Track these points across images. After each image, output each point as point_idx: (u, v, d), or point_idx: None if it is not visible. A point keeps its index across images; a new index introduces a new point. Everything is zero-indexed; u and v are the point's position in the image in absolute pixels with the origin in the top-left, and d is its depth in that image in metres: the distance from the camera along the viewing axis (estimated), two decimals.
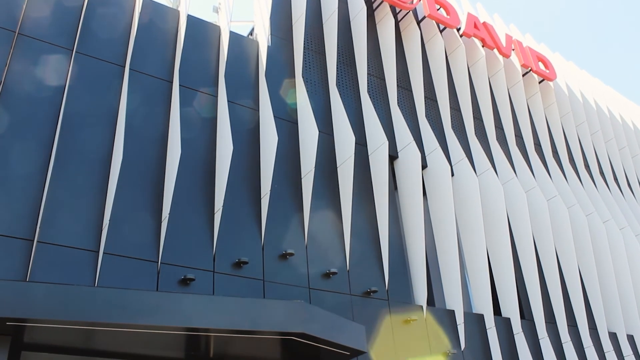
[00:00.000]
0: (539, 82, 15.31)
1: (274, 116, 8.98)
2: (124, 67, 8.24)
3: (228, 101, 8.80)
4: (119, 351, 6.66)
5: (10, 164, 6.69)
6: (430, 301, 9.91)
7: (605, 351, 11.86)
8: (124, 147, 7.24)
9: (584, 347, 11.51)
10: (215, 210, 7.85)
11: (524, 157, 13.33)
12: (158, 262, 7.11)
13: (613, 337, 12.28)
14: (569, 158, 14.87)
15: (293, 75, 10.07)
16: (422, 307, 9.32)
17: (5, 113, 6.96)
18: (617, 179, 16.30)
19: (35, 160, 6.88)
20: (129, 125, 7.67)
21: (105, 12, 8.54)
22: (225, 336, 6.39)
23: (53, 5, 8.06)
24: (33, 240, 6.38)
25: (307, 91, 9.92)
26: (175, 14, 9.40)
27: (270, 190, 8.29)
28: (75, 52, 7.90)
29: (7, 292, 5.44)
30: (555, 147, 14.76)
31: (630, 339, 12.67)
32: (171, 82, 8.57)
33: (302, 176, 9.05)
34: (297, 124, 9.60)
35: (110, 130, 7.63)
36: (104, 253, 6.75)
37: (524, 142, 13.83)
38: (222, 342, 6.66)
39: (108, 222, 6.86)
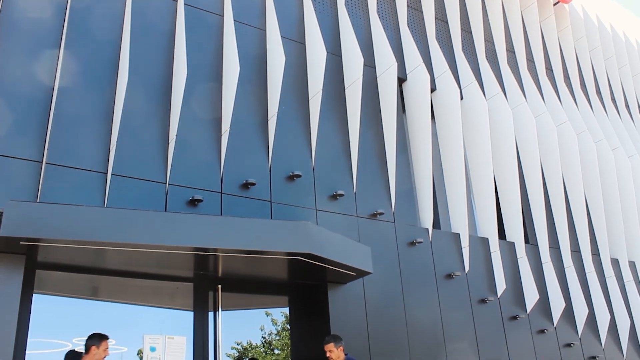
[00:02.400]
0: (554, 5, 14.82)
1: (281, 36, 8.77)
2: None
3: (234, 21, 8.57)
4: (129, 270, 6.81)
5: (16, 85, 6.60)
6: (436, 224, 9.99)
7: (606, 276, 12.05)
8: (129, 67, 7.11)
9: (586, 272, 11.69)
10: (222, 132, 7.80)
11: (534, 82, 13.10)
12: (166, 184, 7.13)
13: (615, 263, 12.44)
14: (580, 84, 14.60)
15: None
16: (427, 229, 9.42)
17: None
18: (628, 106, 16.06)
19: (41, 80, 6.78)
20: (134, 46, 7.50)
21: None
22: (233, 256, 6.49)
23: None
24: (42, 162, 6.38)
25: (315, 11, 9.64)
26: None
27: (278, 112, 8.21)
28: None
29: (19, 212, 5.49)
30: (567, 72, 14.47)
31: (632, 265, 12.85)
32: (176, 1, 8.33)
33: (310, 98, 8.93)
34: (304, 44, 9.39)
35: (115, 53, 7.47)
36: (112, 174, 6.76)
37: (535, 66, 13.55)
38: (229, 261, 6.77)
39: (115, 143, 6.83)
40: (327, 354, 6.57)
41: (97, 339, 5.57)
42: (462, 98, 11.09)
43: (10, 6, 6.89)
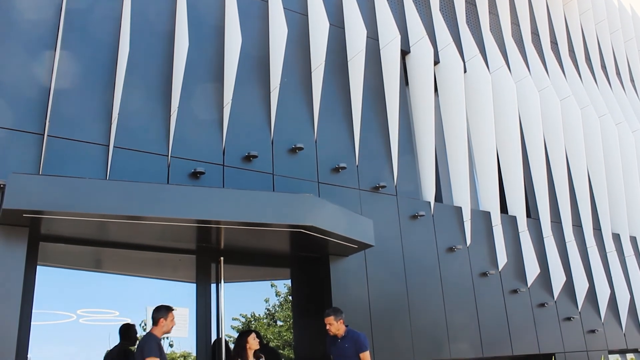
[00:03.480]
0: None
1: (284, 8, 8.68)
2: None
3: None
4: (132, 242, 6.82)
5: (17, 57, 6.55)
6: (438, 197, 10.00)
7: (607, 251, 12.09)
8: (131, 39, 7.04)
9: (587, 246, 11.73)
10: (224, 104, 7.76)
11: (539, 55, 12.99)
12: (168, 156, 7.12)
13: (616, 238, 12.48)
14: (585, 57, 14.48)
15: None
16: (429, 203, 9.42)
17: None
18: (633, 81, 15.95)
19: (41, 53, 6.72)
20: (135, 18, 7.42)
21: None
22: (235, 228, 6.50)
23: None
24: (43, 135, 6.36)
25: None
26: None
27: (280, 84, 8.16)
28: None
29: (22, 185, 5.48)
30: (572, 46, 14.34)
31: (633, 240, 12.88)
32: None
33: (312, 70, 8.87)
34: (307, 16, 9.30)
35: (116, 23, 7.40)
36: (114, 147, 6.74)
37: (539, 39, 13.43)
38: (232, 234, 6.79)
39: (117, 115, 6.80)
40: (327, 327, 6.62)
41: (164, 311, 5.82)
42: (465, 71, 11.01)
43: None
